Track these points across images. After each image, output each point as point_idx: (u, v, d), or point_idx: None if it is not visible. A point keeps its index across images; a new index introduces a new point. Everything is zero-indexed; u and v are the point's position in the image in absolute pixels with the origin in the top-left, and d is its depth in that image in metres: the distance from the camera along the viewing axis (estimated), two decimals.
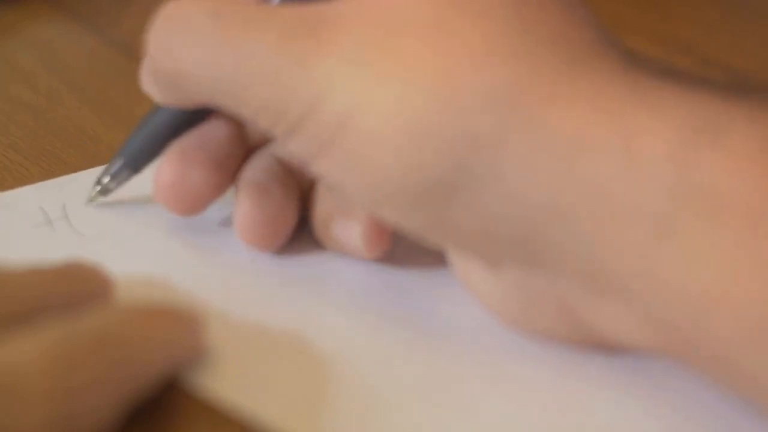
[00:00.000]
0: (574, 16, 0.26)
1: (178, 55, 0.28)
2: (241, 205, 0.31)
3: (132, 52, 0.46)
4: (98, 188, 0.34)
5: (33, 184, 0.35)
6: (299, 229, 0.32)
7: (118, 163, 0.33)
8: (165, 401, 0.26)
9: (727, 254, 0.23)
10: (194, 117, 0.32)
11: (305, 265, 0.31)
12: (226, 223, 0.33)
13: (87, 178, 0.36)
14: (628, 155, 0.23)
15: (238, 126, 0.32)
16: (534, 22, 0.25)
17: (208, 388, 0.26)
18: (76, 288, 0.27)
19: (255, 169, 0.32)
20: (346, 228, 0.30)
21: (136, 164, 0.33)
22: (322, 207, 0.31)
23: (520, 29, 0.25)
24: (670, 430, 0.25)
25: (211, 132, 0.32)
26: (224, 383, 0.27)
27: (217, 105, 0.29)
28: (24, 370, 0.22)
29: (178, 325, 0.26)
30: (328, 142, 0.26)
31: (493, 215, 0.25)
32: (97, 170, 0.36)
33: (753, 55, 0.46)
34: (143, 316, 0.26)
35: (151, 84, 0.30)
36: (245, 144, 0.33)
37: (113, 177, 0.33)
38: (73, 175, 0.36)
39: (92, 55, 0.46)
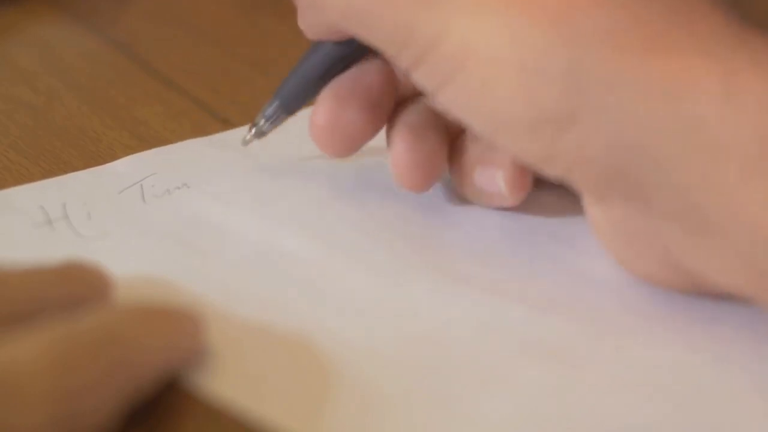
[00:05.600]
0: None
1: None
2: (395, 147, 0.32)
3: (132, 52, 0.46)
4: (253, 131, 0.35)
5: (33, 183, 0.35)
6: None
7: (273, 105, 0.34)
8: (165, 401, 0.26)
9: None
10: (346, 59, 0.33)
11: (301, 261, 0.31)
12: (226, 222, 0.33)
13: (87, 177, 0.36)
14: (725, 98, 0.25)
15: (389, 70, 0.33)
16: None
17: (208, 387, 0.26)
18: (76, 288, 0.27)
19: (408, 113, 0.33)
20: (488, 174, 0.32)
21: (290, 106, 0.34)
22: (466, 156, 0.32)
23: None
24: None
25: (364, 75, 0.33)
26: (224, 383, 0.27)
27: (350, 31, 0.30)
28: (24, 370, 0.22)
29: (178, 326, 0.26)
30: (450, 73, 0.28)
31: (602, 148, 0.27)
32: (98, 169, 0.36)
33: None
34: (143, 316, 0.26)
35: (300, 17, 0.32)
36: (395, 90, 0.33)
37: (268, 119, 0.34)
38: (73, 174, 0.36)
39: (92, 55, 0.46)
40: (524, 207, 0.33)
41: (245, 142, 0.35)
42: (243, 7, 0.51)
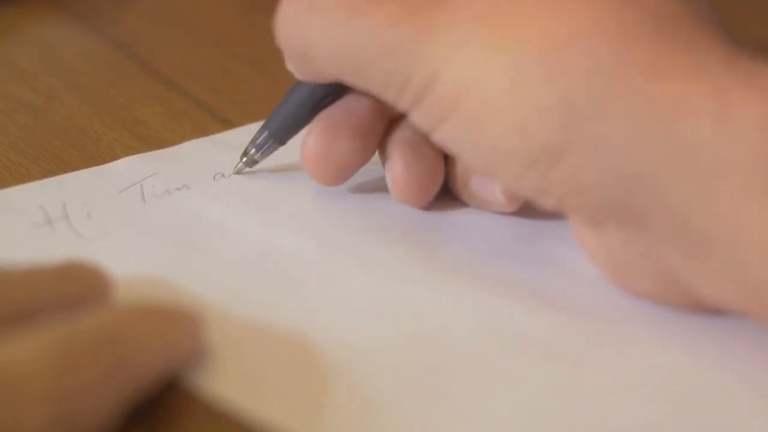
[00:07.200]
0: None
1: (304, 34, 0.30)
2: (394, 164, 0.33)
3: (132, 52, 0.46)
4: (244, 159, 0.35)
5: (33, 183, 0.35)
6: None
7: (263, 135, 0.35)
8: (165, 401, 0.26)
9: None
10: (336, 90, 0.33)
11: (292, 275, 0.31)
12: (226, 222, 0.33)
13: (87, 177, 0.36)
14: (721, 120, 0.25)
15: (379, 99, 0.33)
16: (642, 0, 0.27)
17: (208, 387, 0.26)
18: (76, 288, 0.27)
19: (402, 130, 0.33)
20: (486, 183, 0.32)
21: (281, 136, 0.34)
22: (463, 164, 0.33)
23: (628, 6, 0.27)
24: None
25: (354, 104, 0.33)
26: (224, 383, 0.27)
27: (344, 80, 0.30)
28: (24, 370, 0.22)
29: (178, 326, 0.26)
30: (447, 111, 0.28)
31: (596, 178, 0.26)
32: (98, 169, 0.36)
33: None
34: (143, 316, 0.26)
35: (288, 62, 0.32)
36: (386, 114, 0.34)
37: (259, 148, 0.35)
38: (74, 174, 0.36)
39: (92, 55, 0.46)
40: (524, 208, 0.33)
41: (237, 171, 0.35)
42: (243, 7, 0.51)
